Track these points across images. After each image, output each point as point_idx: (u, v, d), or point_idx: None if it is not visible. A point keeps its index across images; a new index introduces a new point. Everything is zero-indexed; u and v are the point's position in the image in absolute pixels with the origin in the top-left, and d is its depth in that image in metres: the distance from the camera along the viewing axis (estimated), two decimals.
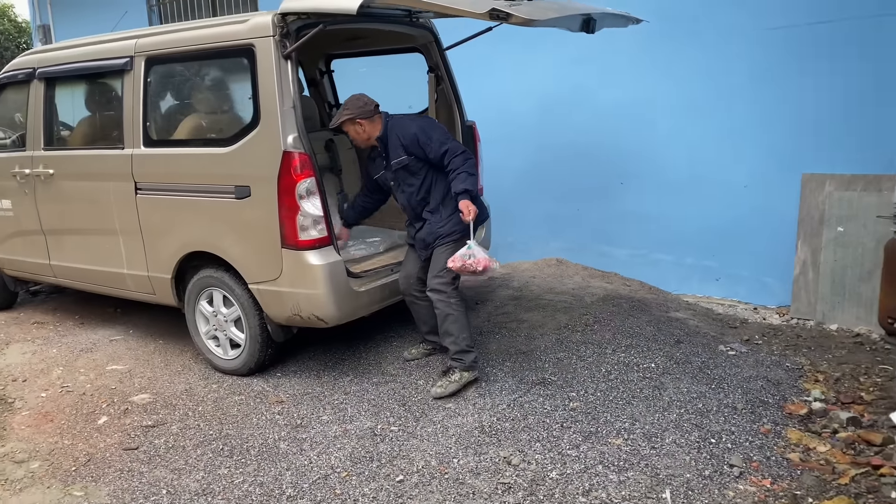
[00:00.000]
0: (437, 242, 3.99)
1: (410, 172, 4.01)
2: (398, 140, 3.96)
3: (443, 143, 3.89)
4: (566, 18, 3.69)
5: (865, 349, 4.23)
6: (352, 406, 3.90)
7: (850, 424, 3.30)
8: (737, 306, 5.20)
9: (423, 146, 3.90)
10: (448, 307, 3.94)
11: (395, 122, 4.02)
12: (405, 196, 4.08)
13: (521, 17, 3.29)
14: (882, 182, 4.51)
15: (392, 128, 3.99)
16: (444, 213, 4.01)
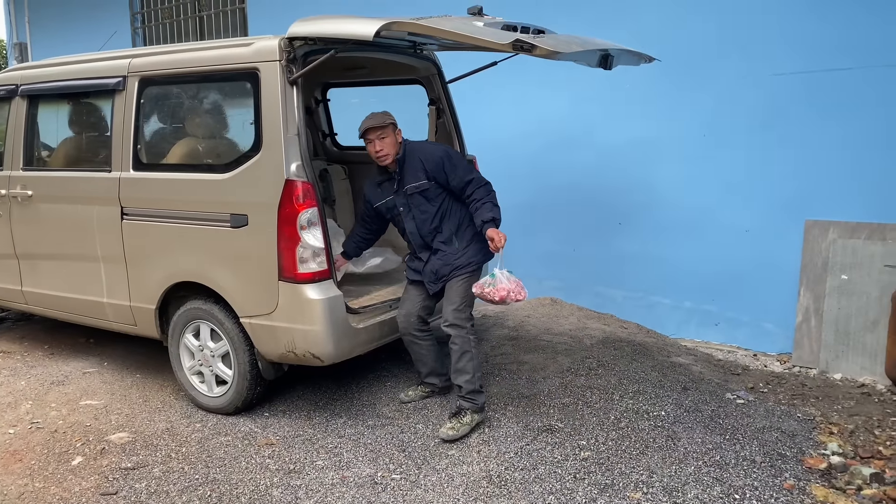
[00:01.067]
0: (454, 274, 3.86)
1: (427, 198, 3.87)
2: (420, 163, 3.82)
3: (469, 172, 3.83)
4: (586, 53, 3.62)
5: (874, 400, 4.15)
6: (348, 451, 3.67)
7: (874, 481, 3.18)
8: (736, 352, 5.10)
9: (448, 172, 3.80)
10: (466, 343, 3.79)
11: (414, 146, 3.91)
12: (415, 223, 3.92)
13: (545, 49, 3.20)
14: (887, 231, 4.49)
15: (412, 150, 3.87)
16: (459, 243, 3.90)
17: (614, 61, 3.89)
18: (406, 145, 3.90)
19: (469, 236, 3.91)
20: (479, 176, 3.85)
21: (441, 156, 3.82)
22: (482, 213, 3.71)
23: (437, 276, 3.90)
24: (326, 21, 3.58)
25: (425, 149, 3.88)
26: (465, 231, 3.92)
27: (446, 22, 3.45)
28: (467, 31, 3.29)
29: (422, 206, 3.89)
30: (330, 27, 3.53)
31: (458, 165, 3.83)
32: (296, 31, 3.62)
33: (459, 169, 3.82)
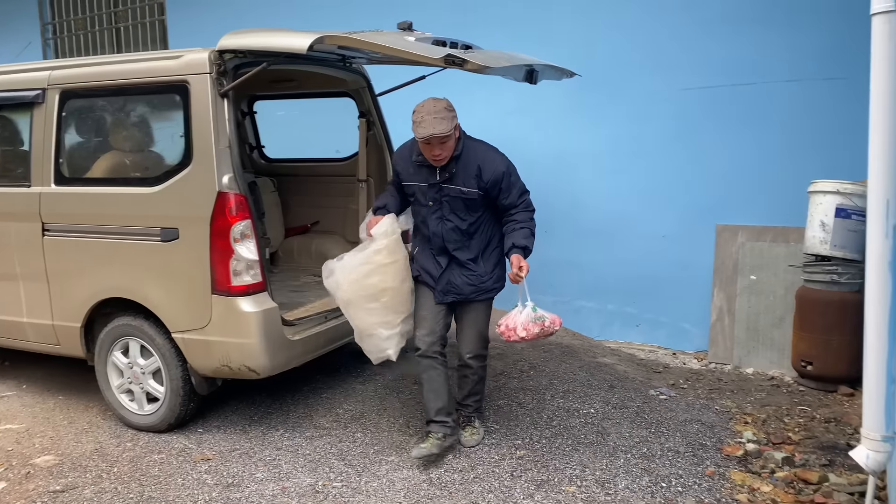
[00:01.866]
0: (476, 296, 3.54)
1: (467, 206, 3.48)
2: (477, 170, 3.43)
3: (522, 193, 3.53)
4: (513, 68, 3.78)
5: (782, 391, 4.46)
6: (286, 462, 3.67)
7: (785, 464, 3.43)
8: (657, 351, 5.37)
9: (504, 189, 3.46)
10: (484, 371, 3.75)
11: (476, 147, 3.52)
12: (442, 226, 3.52)
13: (476, 63, 3.34)
14: (789, 234, 4.84)
15: (472, 151, 3.48)
16: (487, 264, 3.57)
17: (539, 76, 4.07)
18: (465, 142, 3.48)
19: (495, 259, 3.62)
20: (529, 200, 3.56)
21: (504, 171, 3.44)
22: (517, 237, 3.42)
23: (457, 291, 3.55)
24: (259, 34, 3.60)
25: (488, 156, 3.48)
26: (492, 252, 3.60)
27: (379, 37, 3.54)
28: (400, 46, 3.39)
29: (459, 213, 3.49)
30: (263, 40, 3.56)
31: (516, 185, 3.49)
32: (227, 44, 3.62)
33: (515, 189, 3.49)
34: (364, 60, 4.73)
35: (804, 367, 4.44)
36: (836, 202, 4.24)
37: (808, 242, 4.41)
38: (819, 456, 3.51)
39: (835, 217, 4.24)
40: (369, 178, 5.07)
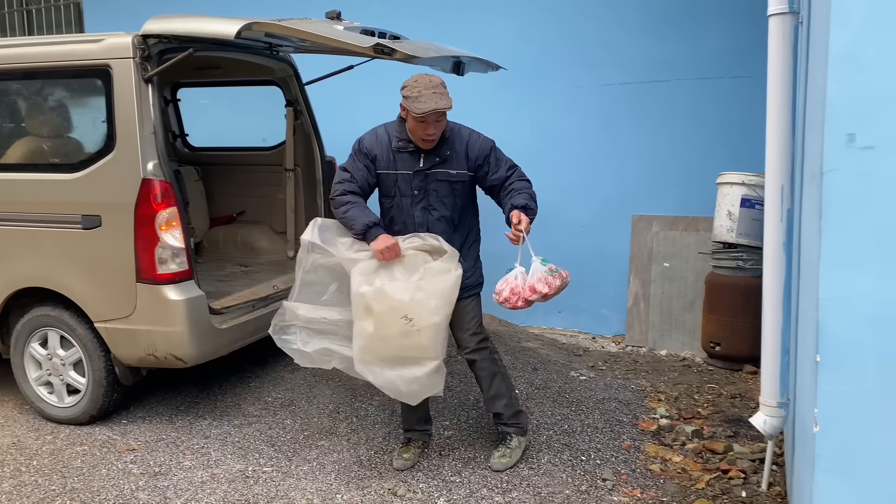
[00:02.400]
0: (463, 294, 3.25)
1: (454, 192, 3.29)
2: (465, 150, 3.28)
3: (512, 166, 3.36)
4: (441, 59, 3.87)
5: (693, 371, 4.74)
6: (215, 450, 3.67)
7: (695, 436, 3.67)
8: (578, 336, 5.59)
9: (493, 164, 3.30)
10: (493, 365, 3.39)
11: (460, 129, 3.37)
12: (426, 215, 3.29)
13: (404, 53, 3.41)
14: (699, 223, 5.13)
15: (457, 132, 3.32)
16: (468, 259, 3.39)
17: (466, 68, 4.18)
18: (450, 125, 3.31)
19: (475, 254, 3.49)
20: (521, 171, 3.38)
21: (491, 146, 3.33)
22: (516, 198, 3.22)
23: None
24: (185, 19, 3.57)
25: (473, 135, 3.34)
26: (471, 246, 3.45)
27: (307, 25, 3.57)
28: (329, 34, 3.43)
29: (446, 200, 3.28)
30: (189, 25, 3.53)
31: (503, 158, 3.36)
32: (151, 29, 3.57)
33: (503, 163, 3.34)
34: (291, 49, 4.72)
35: (713, 347, 4.73)
36: (741, 193, 4.53)
37: (716, 231, 4.70)
38: (725, 428, 3.77)
39: (740, 207, 4.53)
40: (297, 167, 5.07)
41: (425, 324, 3.07)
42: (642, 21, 5.22)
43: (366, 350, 3.13)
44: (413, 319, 3.05)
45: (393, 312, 3.06)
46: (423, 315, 3.07)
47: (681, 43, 5.13)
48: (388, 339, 3.08)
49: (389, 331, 3.07)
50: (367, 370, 3.16)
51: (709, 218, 4.92)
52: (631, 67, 5.29)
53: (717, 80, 5.07)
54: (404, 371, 3.12)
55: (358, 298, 3.12)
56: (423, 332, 3.07)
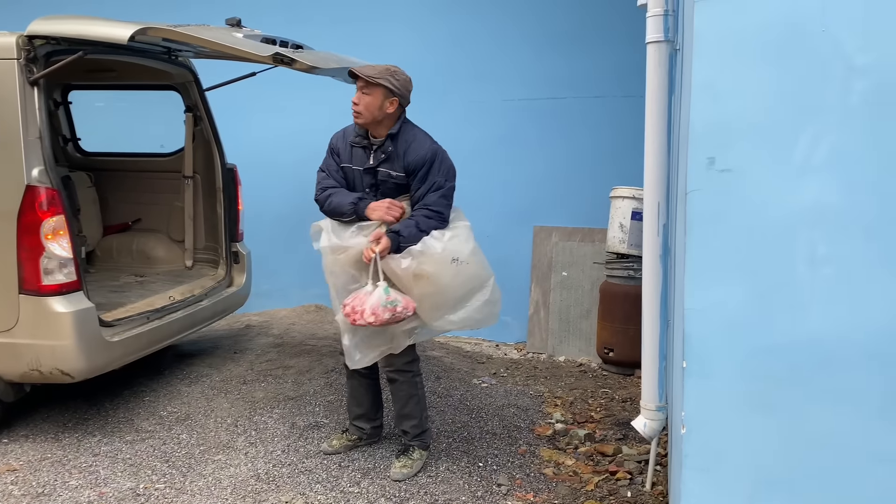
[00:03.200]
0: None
1: (400, 195, 3.29)
2: (404, 152, 3.24)
3: (440, 195, 3.23)
4: (342, 70, 3.89)
5: (588, 376, 4.93)
6: (104, 468, 3.53)
7: (587, 440, 3.82)
8: (482, 344, 5.71)
9: (420, 178, 3.22)
10: (413, 388, 3.45)
11: (414, 131, 3.31)
12: None
13: (304, 64, 3.42)
14: (595, 234, 5.36)
15: (408, 133, 3.28)
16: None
17: None
18: (404, 124, 3.29)
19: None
20: (442, 206, 3.24)
21: (427, 158, 3.22)
22: (402, 222, 3.21)
23: None
24: (74, 21, 3.45)
25: (418, 139, 3.26)
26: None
27: (206, 31, 3.51)
28: (228, 42, 3.39)
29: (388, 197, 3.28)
30: (78, 28, 3.41)
31: (433, 181, 3.23)
32: (37, 30, 3.43)
33: (431, 185, 3.23)
34: (191, 54, 4.63)
35: (606, 353, 4.94)
36: (632, 206, 4.76)
37: (609, 242, 4.91)
38: (615, 431, 3.94)
39: (631, 219, 4.76)
40: (196, 174, 4.96)
41: (468, 254, 3.19)
42: (543, 38, 5.41)
43: (433, 309, 3.21)
44: (458, 258, 3.16)
45: (443, 264, 3.13)
46: (462, 248, 3.18)
47: (579, 61, 5.36)
48: (448, 287, 3.17)
49: (445, 280, 3.15)
50: (445, 323, 3.27)
51: (604, 229, 5.14)
52: (530, 83, 5.47)
53: (612, 98, 5.32)
54: (473, 302, 3.24)
55: (405, 273, 3.14)
56: (470, 263, 3.19)
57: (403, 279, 3.18)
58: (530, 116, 5.49)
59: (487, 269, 3.29)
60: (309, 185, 5.96)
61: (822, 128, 1.82)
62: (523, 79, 5.49)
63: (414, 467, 3.42)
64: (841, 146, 1.81)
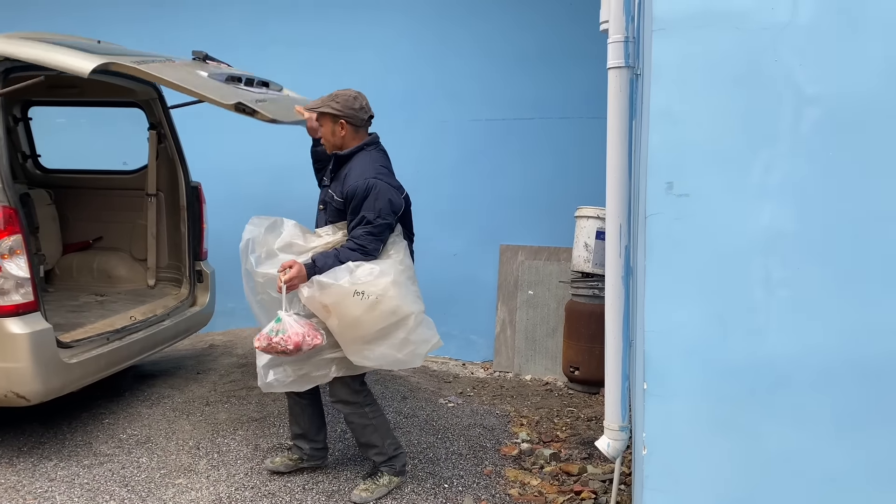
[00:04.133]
0: None
1: (340, 216, 3.29)
2: (345, 178, 3.25)
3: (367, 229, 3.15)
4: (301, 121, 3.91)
5: (554, 395, 4.95)
6: (61, 493, 3.44)
7: (553, 459, 3.83)
8: (448, 363, 5.70)
9: (352, 210, 3.19)
10: (363, 418, 3.33)
11: (363, 158, 3.29)
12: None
13: (266, 116, 3.44)
14: (560, 253, 5.41)
15: (358, 160, 3.28)
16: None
17: None
18: (360, 151, 3.31)
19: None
20: (367, 240, 3.15)
21: (359, 189, 3.16)
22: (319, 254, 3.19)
23: None
24: (36, 46, 3.41)
25: (359, 167, 3.24)
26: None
27: (169, 70, 3.50)
28: (191, 85, 3.39)
29: (334, 218, 3.32)
30: (41, 55, 3.37)
31: (362, 213, 3.16)
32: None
33: (359, 217, 3.17)
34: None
35: (572, 372, 4.97)
36: (596, 226, 4.82)
37: (574, 261, 4.96)
38: (581, 451, 3.96)
39: (596, 239, 4.82)
40: (159, 192, 4.90)
41: (380, 289, 3.05)
42: (511, 59, 5.48)
43: (349, 342, 3.14)
44: (364, 291, 3.04)
45: (346, 297, 3.04)
46: (373, 282, 3.05)
47: (545, 83, 5.43)
48: (360, 321, 3.07)
49: (355, 314, 3.05)
50: (363, 358, 3.17)
51: (569, 248, 5.19)
52: (499, 104, 5.53)
53: (578, 119, 5.39)
54: (391, 339, 3.14)
55: (310, 302, 3.12)
56: (382, 299, 3.06)
57: (315, 309, 3.14)
58: (497, 136, 5.55)
59: (411, 306, 3.14)
60: (274, 202, 5.96)
61: (775, 154, 1.87)
62: (491, 99, 5.55)
63: (375, 493, 3.34)
64: (793, 172, 1.86)
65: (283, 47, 5.86)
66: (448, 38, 5.63)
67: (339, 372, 3.25)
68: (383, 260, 3.22)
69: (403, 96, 5.68)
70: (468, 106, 5.59)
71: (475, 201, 5.64)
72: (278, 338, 3.02)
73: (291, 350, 3.03)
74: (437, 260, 5.71)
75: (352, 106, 3.28)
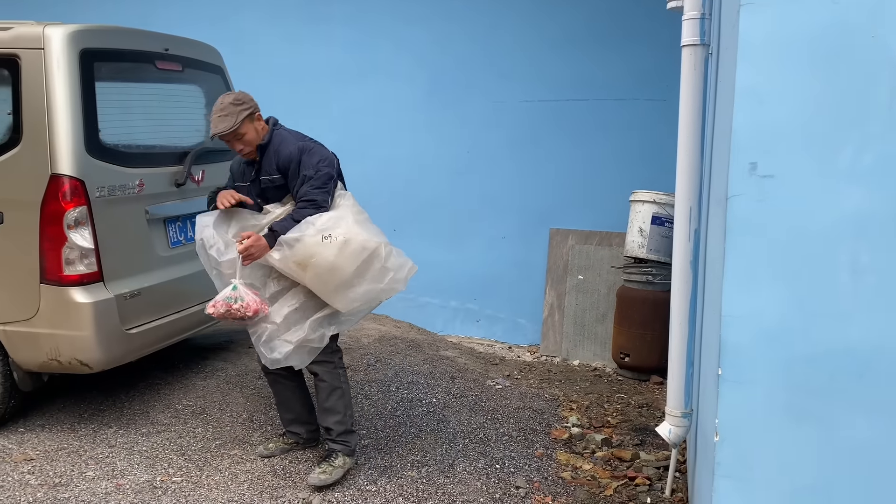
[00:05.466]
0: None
1: (282, 192, 3.34)
2: (275, 154, 3.28)
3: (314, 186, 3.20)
4: None
5: (603, 381, 4.90)
6: (121, 459, 3.53)
7: (604, 445, 3.80)
8: (494, 345, 5.69)
9: (292, 175, 3.26)
10: (335, 379, 3.36)
11: (281, 133, 3.35)
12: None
13: None
14: (612, 238, 5.33)
15: (278, 137, 3.32)
16: None
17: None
18: (274, 130, 3.34)
19: None
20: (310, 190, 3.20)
21: (293, 154, 3.24)
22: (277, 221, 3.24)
23: None
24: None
25: (286, 140, 3.29)
26: None
27: None
28: None
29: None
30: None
31: (305, 173, 3.22)
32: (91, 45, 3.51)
33: (303, 178, 3.23)
34: None
35: (622, 358, 4.91)
36: (652, 211, 4.73)
37: (627, 246, 4.89)
38: (632, 437, 3.92)
39: (651, 224, 4.73)
40: None
41: (343, 229, 3.12)
42: (564, 40, 5.39)
43: (332, 292, 3.17)
44: (330, 234, 3.09)
45: (317, 245, 3.08)
46: (335, 225, 3.12)
47: (600, 63, 5.33)
48: (337, 265, 3.10)
49: (330, 259, 3.08)
50: (350, 301, 3.20)
51: (622, 233, 5.12)
52: (551, 85, 5.45)
53: (633, 101, 5.29)
54: (370, 273, 3.18)
55: (283, 264, 3.13)
56: (349, 238, 3.11)
57: (289, 271, 3.17)
58: (550, 118, 5.47)
59: (377, 237, 3.23)
60: None
61: (867, 135, 1.79)
62: (544, 80, 5.47)
63: (334, 475, 3.28)
64: (886, 154, 1.79)
65: (335, 25, 5.87)
66: (499, 17, 5.55)
67: (334, 328, 3.30)
68: (336, 205, 3.27)
69: (454, 77, 5.64)
70: (520, 87, 5.52)
71: (526, 183, 5.58)
72: (238, 305, 3.12)
73: (250, 316, 3.15)
74: (485, 242, 5.70)
75: (249, 98, 3.29)
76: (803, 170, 1.84)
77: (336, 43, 5.89)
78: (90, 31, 3.68)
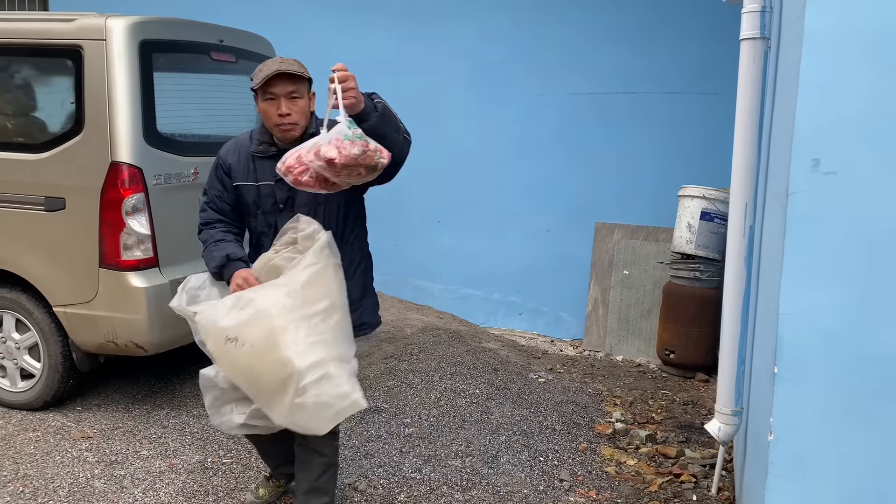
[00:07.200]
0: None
1: (329, 200, 2.64)
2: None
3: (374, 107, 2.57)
4: None
5: (647, 377, 4.87)
6: (173, 440, 3.64)
7: (649, 441, 3.78)
8: (536, 339, 5.68)
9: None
10: (335, 454, 2.78)
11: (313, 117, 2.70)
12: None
13: None
14: (659, 233, 5.27)
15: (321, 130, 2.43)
16: (353, 288, 2.65)
17: None
18: (315, 119, 2.68)
19: (362, 283, 2.77)
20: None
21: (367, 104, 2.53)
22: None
23: None
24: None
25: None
26: (359, 272, 2.75)
27: None
28: None
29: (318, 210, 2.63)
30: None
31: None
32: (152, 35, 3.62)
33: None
34: None
35: (667, 355, 4.86)
36: (701, 206, 4.67)
37: (675, 242, 4.83)
38: (677, 434, 3.89)
39: (700, 220, 4.67)
40: None
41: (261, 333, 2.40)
42: (614, 31, 5.33)
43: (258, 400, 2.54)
44: (237, 338, 2.41)
45: (219, 341, 2.49)
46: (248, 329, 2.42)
47: (647, 56, 5.26)
48: (249, 371, 2.48)
49: (237, 360, 2.48)
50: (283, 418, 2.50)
51: (669, 228, 5.06)
52: (598, 77, 5.40)
53: (683, 94, 5.21)
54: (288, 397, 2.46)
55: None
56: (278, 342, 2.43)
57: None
58: (597, 111, 5.42)
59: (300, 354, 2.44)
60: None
61: None
62: (591, 73, 5.42)
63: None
64: None
65: (381, 16, 5.89)
66: (546, 8, 5.51)
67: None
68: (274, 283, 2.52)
69: (501, 68, 5.62)
70: (567, 79, 5.48)
71: (571, 177, 5.55)
72: (373, 146, 2.37)
73: (385, 162, 2.43)
74: (529, 235, 5.69)
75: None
76: (868, 167, 1.80)
77: (383, 34, 5.93)
78: (149, 22, 3.77)
